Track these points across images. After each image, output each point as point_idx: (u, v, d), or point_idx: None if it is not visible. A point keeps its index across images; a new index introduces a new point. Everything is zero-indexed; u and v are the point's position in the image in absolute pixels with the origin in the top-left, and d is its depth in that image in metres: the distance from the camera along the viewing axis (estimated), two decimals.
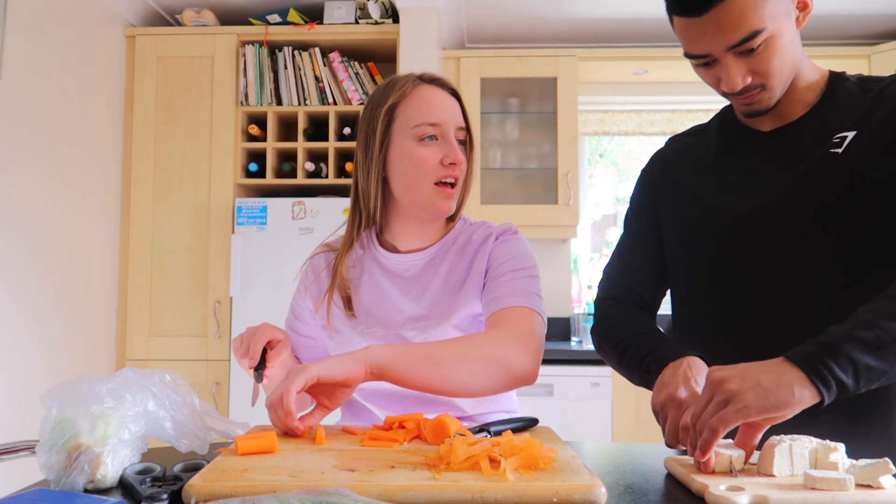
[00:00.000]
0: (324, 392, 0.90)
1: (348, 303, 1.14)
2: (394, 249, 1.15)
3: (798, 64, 0.96)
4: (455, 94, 1.11)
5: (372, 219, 1.13)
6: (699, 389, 0.85)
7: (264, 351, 1.04)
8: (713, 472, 0.73)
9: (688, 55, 0.94)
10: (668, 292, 1.17)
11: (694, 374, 0.88)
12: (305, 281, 1.22)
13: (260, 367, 1.02)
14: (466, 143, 1.12)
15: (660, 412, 0.87)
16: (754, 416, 0.72)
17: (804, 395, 0.73)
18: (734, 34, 0.87)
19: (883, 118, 0.91)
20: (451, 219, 1.17)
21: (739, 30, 0.87)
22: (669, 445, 0.84)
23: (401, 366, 0.88)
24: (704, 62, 0.93)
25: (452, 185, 1.08)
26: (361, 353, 0.87)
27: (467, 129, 1.11)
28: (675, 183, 1.11)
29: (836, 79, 0.99)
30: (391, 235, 1.16)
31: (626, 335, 1.05)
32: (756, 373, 0.75)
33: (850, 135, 0.92)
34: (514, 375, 0.97)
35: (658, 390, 0.89)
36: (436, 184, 1.07)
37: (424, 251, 1.14)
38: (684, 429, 0.80)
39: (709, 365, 0.91)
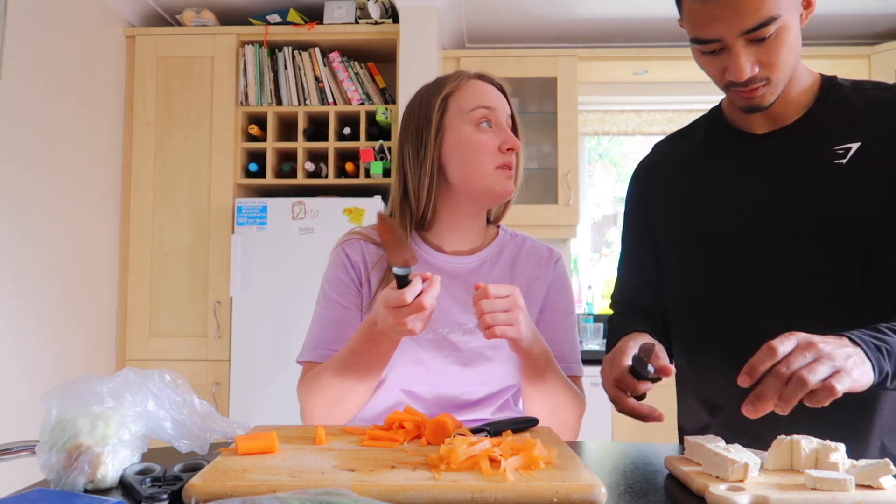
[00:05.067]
0: None
1: None
2: (438, 250, 1.15)
3: (797, 63, 0.95)
4: (502, 91, 1.15)
5: (422, 214, 1.11)
6: (624, 354, 0.90)
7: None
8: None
9: (696, 40, 0.92)
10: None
11: (625, 342, 0.95)
12: (351, 264, 1.13)
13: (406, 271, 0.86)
14: (519, 132, 1.15)
15: (607, 388, 0.92)
16: (847, 388, 0.71)
17: (870, 381, 0.75)
18: (750, 18, 0.85)
19: (886, 128, 0.91)
20: (491, 222, 1.20)
21: (756, 14, 0.85)
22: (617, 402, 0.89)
23: (538, 367, 1.03)
24: (712, 49, 0.91)
25: (508, 166, 1.11)
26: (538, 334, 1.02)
27: (514, 123, 1.14)
28: (666, 189, 1.10)
29: (829, 83, 0.99)
30: (437, 233, 1.15)
31: (611, 343, 1.12)
32: (845, 349, 0.74)
33: (855, 146, 0.91)
34: (564, 432, 1.09)
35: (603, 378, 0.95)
36: (498, 166, 1.10)
37: (472, 255, 1.15)
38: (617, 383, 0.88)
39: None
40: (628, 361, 0.89)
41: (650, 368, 0.86)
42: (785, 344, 0.72)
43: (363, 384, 1.02)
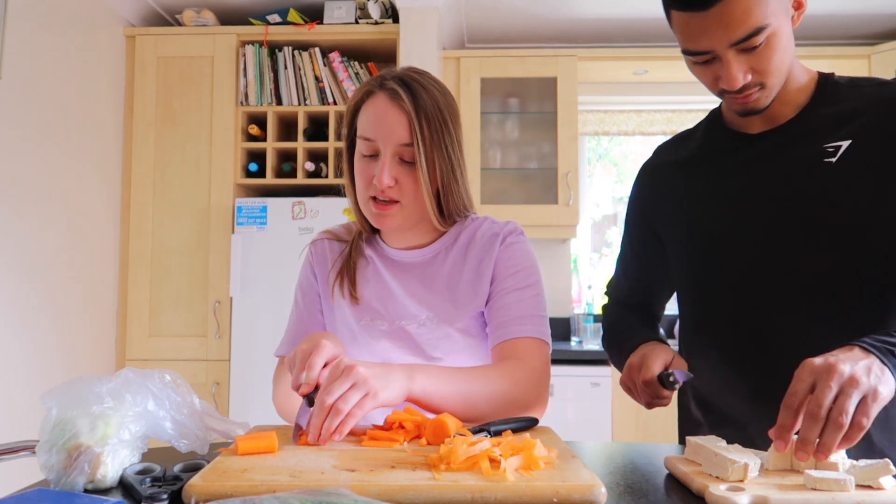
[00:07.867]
0: None
1: (353, 291, 1.13)
2: (391, 245, 1.15)
3: (791, 64, 0.95)
4: (410, 108, 1.00)
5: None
6: (651, 362, 0.98)
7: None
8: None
9: (686, 52, 0.92)
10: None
11: (652, 349, 1.01)
12: (313, 265, 1.19)
13: (314, 393, 0.88)
14: (418, 160, 1.01)
15: (631, 387, 1.02)
16: (875, 413, 0.71)
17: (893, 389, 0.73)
18: (738, 30, 0.86)
19: (877, 126, 0.90)
20: (449, 219, 1.11)
21: (744, 26, 0.85)
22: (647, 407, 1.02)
23: (436, 399, 0.93)
24: (704, 59, 0.91)
25: (389, 202, 1.03)
26: (409, 383, 0.89)
27: (416, 144, 1.00)
28: (667, 191, 1.11)
29: (825, 80, 0.98)
30: (385, 233, 1.15)
31: (619, 338, 1.15)
32: (861, 362, 0.73)
33: (845, 144, 0.91)
34: (528, 413, 1.01)
35: (623, 372, 1.04)
36: (371, 197, 1.04)
37: (425, 248, 1.13)
38: (645, 382, 0.97)
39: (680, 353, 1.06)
40: (657, 371, 0.97)
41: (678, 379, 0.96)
42: (804, 380, 0.72)
43: None
